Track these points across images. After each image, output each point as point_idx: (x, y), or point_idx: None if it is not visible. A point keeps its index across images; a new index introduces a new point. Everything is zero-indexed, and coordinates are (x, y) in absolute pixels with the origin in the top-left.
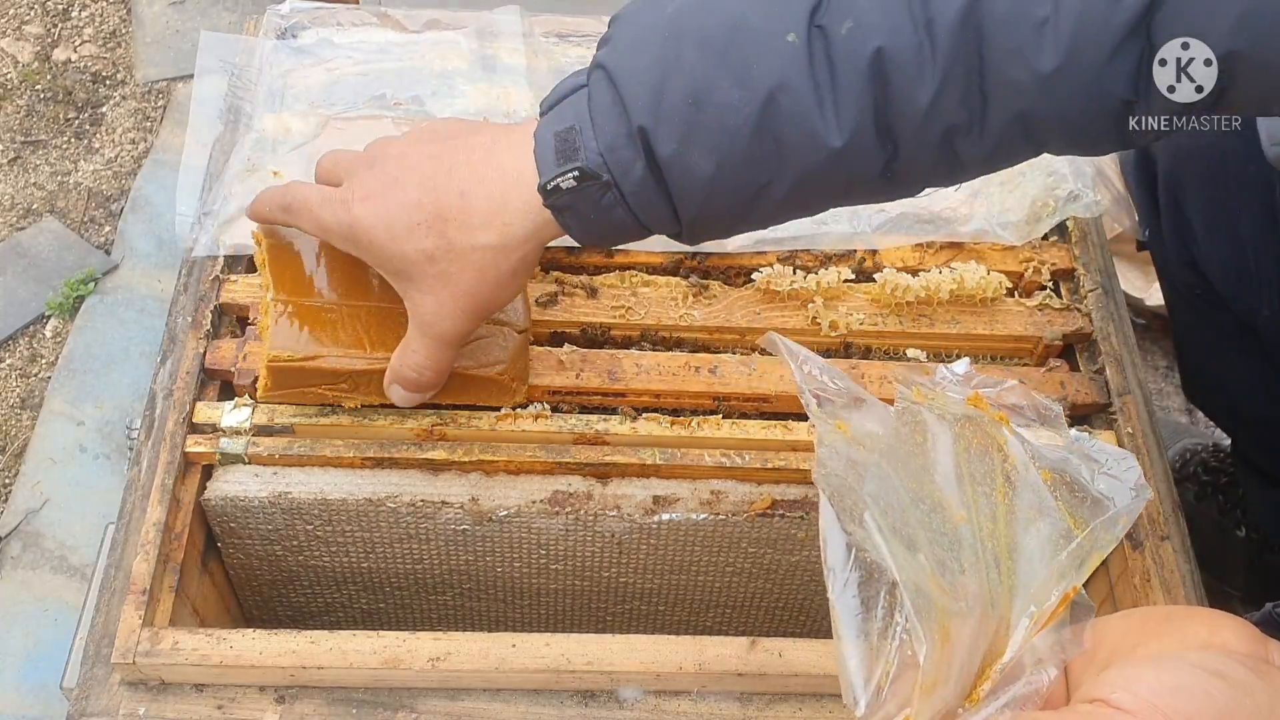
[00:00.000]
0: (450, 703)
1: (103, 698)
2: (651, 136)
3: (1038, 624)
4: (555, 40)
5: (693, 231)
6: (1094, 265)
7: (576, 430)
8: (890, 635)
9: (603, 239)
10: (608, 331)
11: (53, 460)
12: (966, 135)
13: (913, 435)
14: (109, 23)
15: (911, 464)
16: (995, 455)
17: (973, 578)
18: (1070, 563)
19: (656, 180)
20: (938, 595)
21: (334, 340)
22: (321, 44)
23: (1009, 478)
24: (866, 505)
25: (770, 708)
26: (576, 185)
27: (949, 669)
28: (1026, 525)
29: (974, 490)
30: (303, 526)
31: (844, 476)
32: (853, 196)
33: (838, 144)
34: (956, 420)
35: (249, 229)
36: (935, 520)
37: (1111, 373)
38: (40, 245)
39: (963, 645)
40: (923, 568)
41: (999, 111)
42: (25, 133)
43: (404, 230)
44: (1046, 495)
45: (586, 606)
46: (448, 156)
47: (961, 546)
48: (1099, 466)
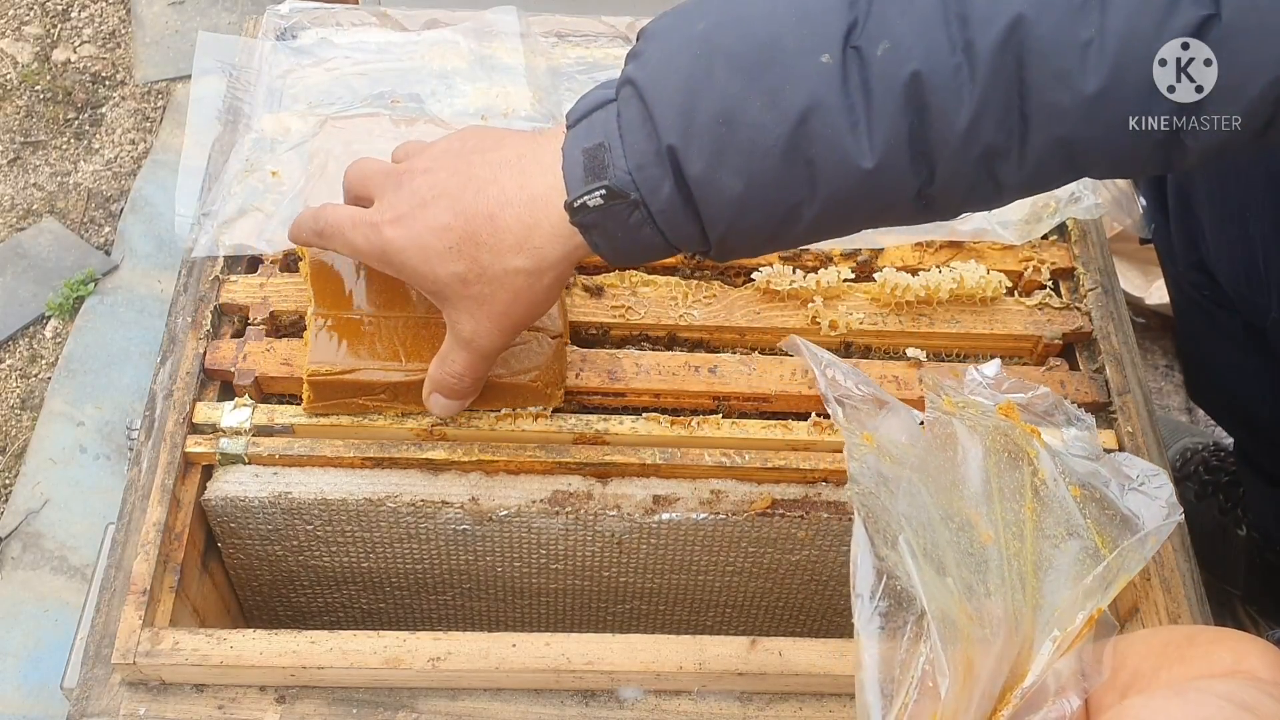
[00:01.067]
0: (450, 703)
1: (103, 698)
2: (681, 155)
3: (1061, 648)
4: (554, 40)
5: (721, 250)
6: (1094, 264)
7: (576, 430)
8: (914, 665)
9: (631, 258)
10: (608, 331)
11: (53, 461)
12: (1006, 159)
13: (943, 448)
14: (108, 23)
15: (942, 479)
16: (1025, 469)
17: (998, 600)
18: (1097, 585)
19: (685, 199)
20: (964, 623)
21: (371, 353)
22: (321, 44)
23: (1038, 493)
24: (901, 528)
25: (770, 707)
26: (604, 204)
27: (969, 700)
28: (1055, 544)
29: (1003, 507)
30: (303, 526)
31: (877, 494)
32: (886, 219)
33: (869, 165)
34: (988, 432)
35: (249, 229)
36: (964, 540)
37: (1111, 372)
38: (40, 246)
39: (985, 674)
40: (951, 592)
41: (1040, 135)
42: (25, 133)
43: (436, 254)
44: (1076, 513)
45: (586, 606)
46: (475, 175)
47: (989, 568)
48: (1130, 482)
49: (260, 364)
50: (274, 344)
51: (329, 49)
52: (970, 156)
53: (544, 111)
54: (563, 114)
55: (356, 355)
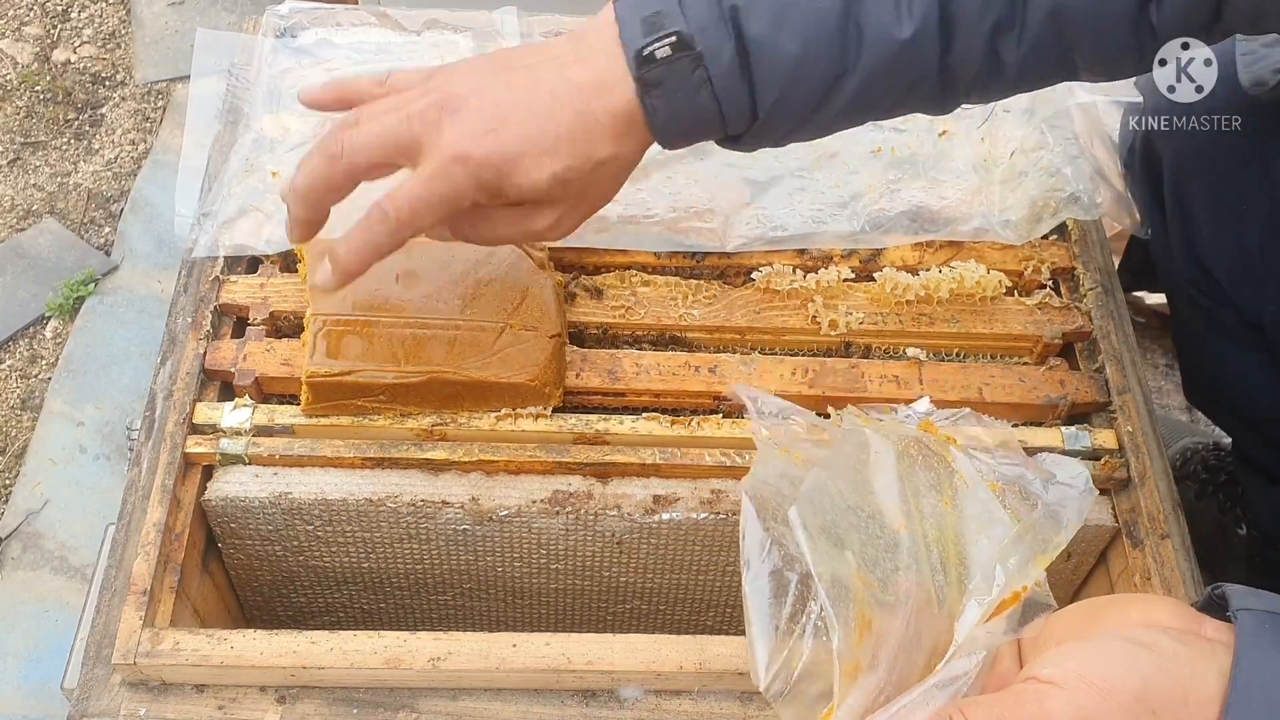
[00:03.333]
0: (451, 703)
1: (103, 698)
2: (743, 15)
3: (986, 615)
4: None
5: (764, 128)
6: (1094, 264)
7: (576, 430)
8: (802, 620)
9: (682, 132)
10: (608, 331)
11: (53, 461)
12: (1008, 34)
13: (856, 453)
14: (108, 23)
15: (853, 477)
16: (942, 470)
17: (909, 576)
18: (1019, 564)
19: (742, 65)
20: (859, 588)
21: (370, 355)
22: (320, 44)
23: (956, 490)
24: (794, 502)
25: (770, 707)
26: (672, 55)
27: (875, 657)
28: (977, 532)
29: (918, 502)
30: (303, 527)
31: (775, 484)
32: (910, 101)
33: (907, 35)
34: (901, 439)
35: (249, 229)
36: (873, 526)
37: (1111, 371)
38: (40, 246)
39: (892, 635)
40: (847, 562)
41: (1036, 7)
42: (25, 134)
43: (534, 161)
44: (995, 505)
45: (587, 606)
46: (540, 80)
47: (900, 549)
48: (1051, 477)
49: (260, 364)
50: (274, 344)
51: (329, 49)
52: (983, 28)
53: None
54: None
55: (355, 357)
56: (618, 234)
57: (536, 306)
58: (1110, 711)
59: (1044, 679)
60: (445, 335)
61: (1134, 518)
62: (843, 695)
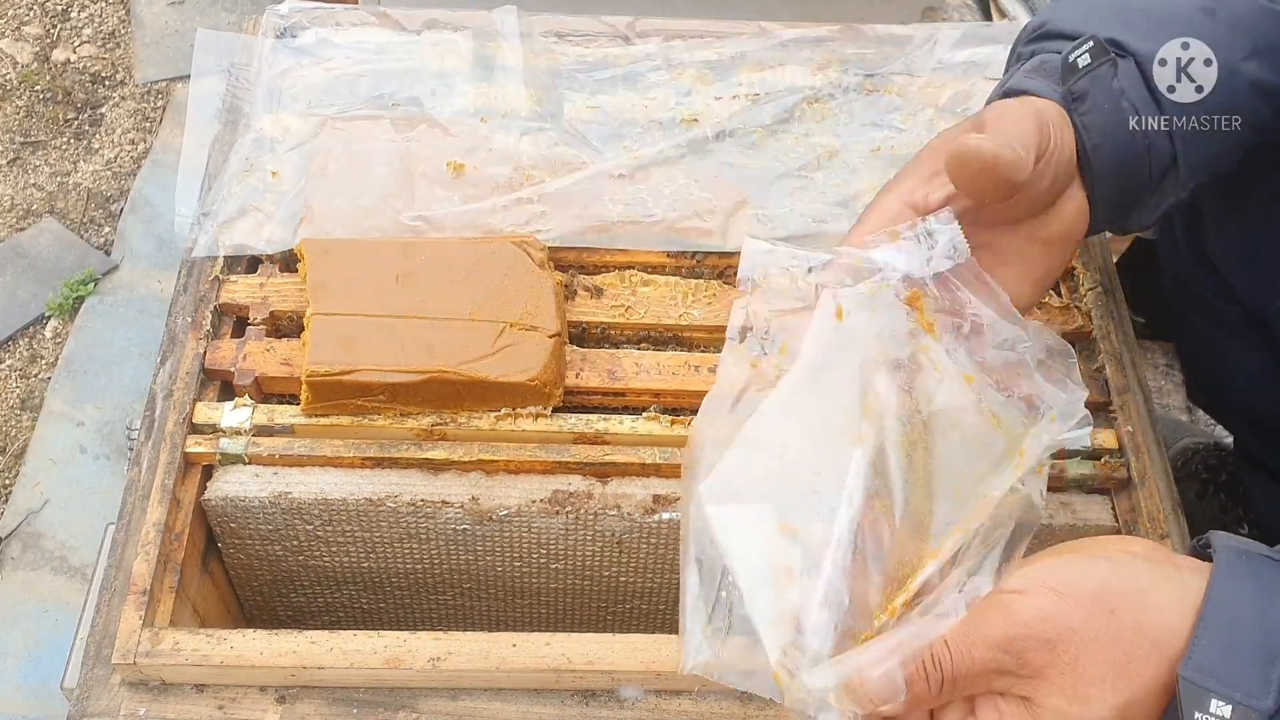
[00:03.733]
0: (451, 702)
1: (103, 698)
2: None
3: (966, 530)
4: (554, 40)
5: None
6: (1093, 264)
7: (576, 430)
8: (723, 585)
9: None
10: (608, 331)
11: (53, 461)
12: None
13: (818, 363)
14: (108, 23)
15: (806, 400)
16: (924, 363)
17: (857, 493)
18: (991, 469)
19: None
20: (777, 539)
21: (369, 354)
22: (320, 44)
23: (929, 390)
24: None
25: (770, 706)
26: (1091, 61)
27: (817, 564)
28: (946, 433)
29: (879, 407)
30: (303, 526)
31: (720, 445)
32: None
33: None
34: (876, 329)
35: (248, 229)
36: (810, 459)
37: (1111, 371)
38: (40, 246)
39: (832, 542)
40: (766, 518)
41: None
42: (25, 133)
43: None
44: (970, 408)
45: (587, 606)
46: None
47: (845, 473)
48: (1043, 360)
49: (260, 364)
50: (274, 344)
51: (329, 48)
52: None
53: (543, 111)
54: (563, 114)
55: (355, 356)
56: (618, 234)
57: (536, 306)
58: (1068, 610)
59: (1009, 589)
60: (445, 334)
61: (1134, 518)
62: (770, 640)
